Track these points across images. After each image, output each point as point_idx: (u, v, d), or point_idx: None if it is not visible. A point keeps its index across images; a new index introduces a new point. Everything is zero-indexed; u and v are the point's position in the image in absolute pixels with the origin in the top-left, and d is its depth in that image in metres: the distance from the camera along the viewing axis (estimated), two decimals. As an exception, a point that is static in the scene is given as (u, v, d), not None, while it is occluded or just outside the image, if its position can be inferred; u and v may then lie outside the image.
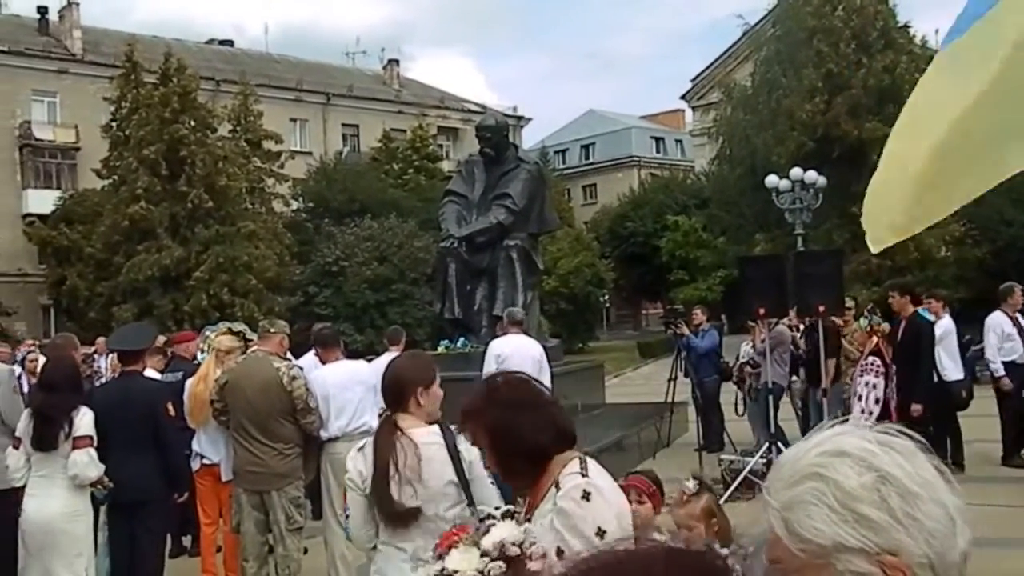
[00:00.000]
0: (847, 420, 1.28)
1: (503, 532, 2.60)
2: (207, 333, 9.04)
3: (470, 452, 3.65)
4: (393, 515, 3.66)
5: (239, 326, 8.35)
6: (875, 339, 8.58)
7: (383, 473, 3.65)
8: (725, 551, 1.03)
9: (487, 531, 2.63)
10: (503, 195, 13.49)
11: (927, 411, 9.44)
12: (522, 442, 2.77)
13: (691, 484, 4.00)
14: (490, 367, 8.90)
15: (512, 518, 2.68)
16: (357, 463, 3.77)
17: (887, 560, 1.12)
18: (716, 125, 36.78)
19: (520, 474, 2.87)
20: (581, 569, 0.99)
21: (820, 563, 1.14)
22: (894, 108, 29.51)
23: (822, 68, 29.56)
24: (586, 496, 2.68)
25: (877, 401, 9.22)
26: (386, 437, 3.73)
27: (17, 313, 32.21)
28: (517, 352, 9.11)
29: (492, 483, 3.70)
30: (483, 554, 2.57)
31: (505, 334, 9.84)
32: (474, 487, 3.70)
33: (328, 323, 11.11)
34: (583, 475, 2.75)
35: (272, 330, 6.87)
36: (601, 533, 2.62)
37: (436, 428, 3.77)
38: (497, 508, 2.83)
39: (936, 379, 10.28)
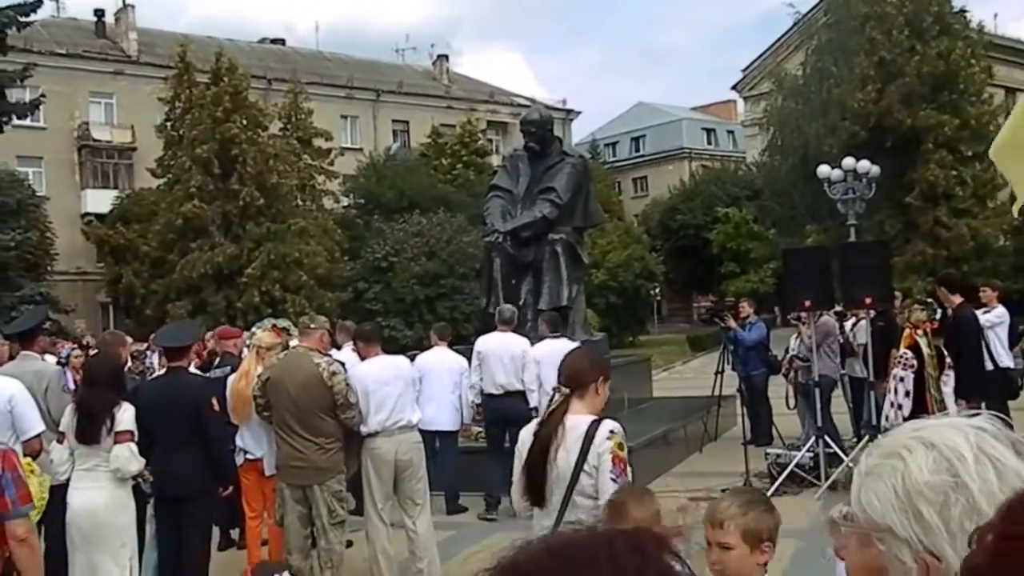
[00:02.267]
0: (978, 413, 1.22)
1: None
2: (255, 330, 9.19)
3: (602, 445, 3.89)
4: (532, 489, 3.91)
5: (284, 322, 8.46)
6: (907, 331, 8.45)
7: (540, 448, 3.90)
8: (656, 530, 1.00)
9: None
10: (548, 189, 13.46)
11: (979, 402, 9.28)
12: None
13: None
14: (474, 363, 9.71)
15: None
16: (529, 436, 4.02)
17: (929, 560, 1.10)
18: (767, 116, 36.39)
19: None
20: (528, 552, 0.96)
21: (871, 536, 1.15)
22: (949, 95, 29.02)
23: (874, 56, 29.10)
24: None
25: (907, 394, 9.09)
26: (558, 416, 3.97)
27: (76, 311, 32.88)
28: (496, 349, 9.76)
29: (613, 479, 3.87)
30: None
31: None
32: (598, 479, 3.88)
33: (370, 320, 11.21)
34: None
35: (312, 326, 6.94)
36: None
37: (589, 419, 3.97)
38: None
39: (993, 366, 10.13)
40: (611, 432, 3.95)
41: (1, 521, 3.88)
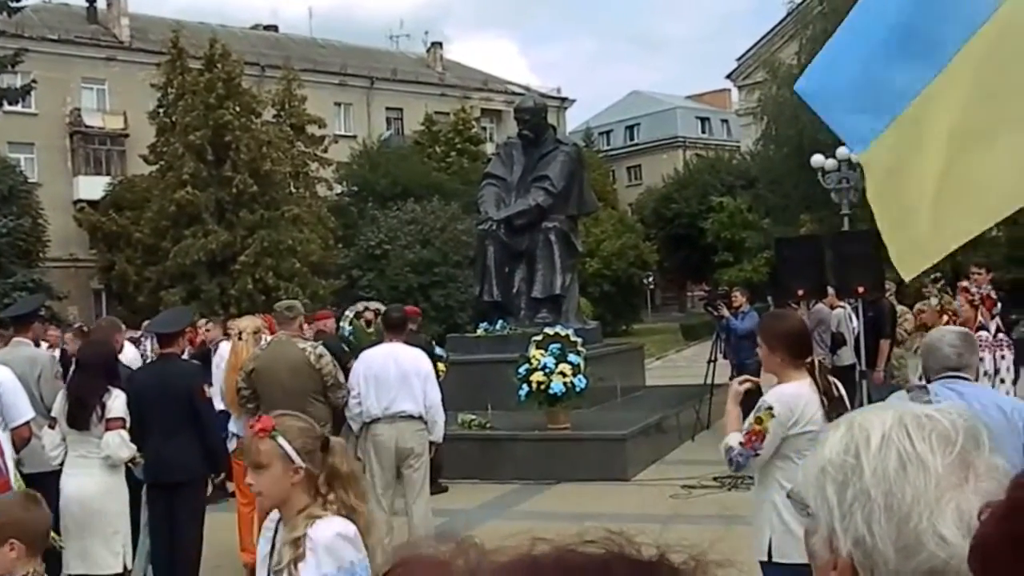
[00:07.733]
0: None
1: None
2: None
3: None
4: None
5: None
6: (945, 318, 8.43)
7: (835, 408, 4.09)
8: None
9: None
10: (542, 177, 13.48)
11: None
12: None
13: None
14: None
15: None
16: (794, 407, 4.19)
17: (834, 542, 1.09)
18: (762, 105, 36.31)
19: None
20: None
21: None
22: (944, 85, 29.00)
23: (870, 45, 29.02)
24: None
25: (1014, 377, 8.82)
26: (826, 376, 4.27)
27: (69, 297, 32.80)
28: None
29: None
30: None
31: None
32: None
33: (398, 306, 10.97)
34: None
35: (290, 315, 7.01)
36: None
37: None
38: None
39: None
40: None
41: None
